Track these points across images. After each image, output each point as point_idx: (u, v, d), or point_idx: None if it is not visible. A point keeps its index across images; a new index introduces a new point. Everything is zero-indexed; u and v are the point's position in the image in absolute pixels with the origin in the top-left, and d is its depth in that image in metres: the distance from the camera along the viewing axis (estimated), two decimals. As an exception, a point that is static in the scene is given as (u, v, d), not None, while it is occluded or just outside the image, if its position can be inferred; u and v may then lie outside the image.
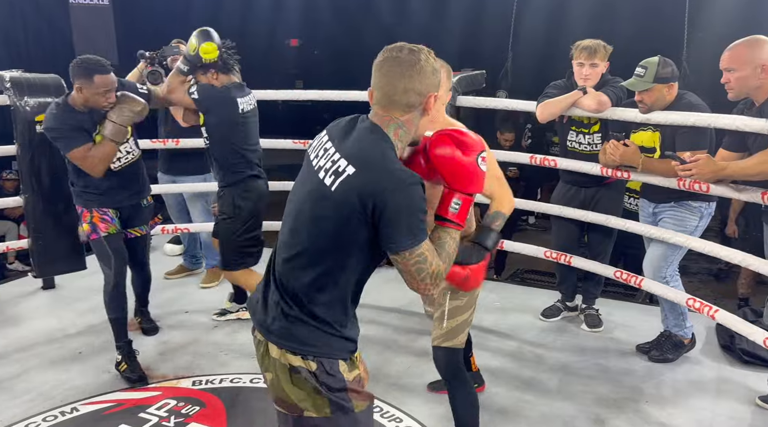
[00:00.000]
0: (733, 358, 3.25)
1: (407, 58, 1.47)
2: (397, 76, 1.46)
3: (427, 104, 1.50)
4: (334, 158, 1.47)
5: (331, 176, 1.44)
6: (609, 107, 3.15)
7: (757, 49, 2.51)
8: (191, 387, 2.94)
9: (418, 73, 1.46)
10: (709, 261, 5.43)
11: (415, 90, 1.46)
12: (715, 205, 3.10)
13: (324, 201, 1.45)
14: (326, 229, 1.45)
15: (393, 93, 1.47)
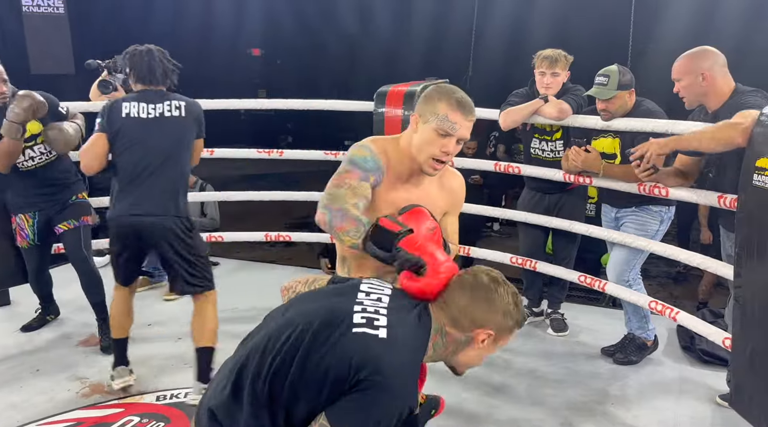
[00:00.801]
0: (694, 358, 3.33)
1: (484, 281, 1.46)
2: (467, 295, 1.44)
3: (477, 338, 1.44)
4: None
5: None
6: (570, 115, 3.21)
7: (699, 59, 2.64)
8: (155, 402, 2.86)
9: (484, 300, 1.44)
10: (668, 264, 5.56)
11: (471, 315, 1.43)
12: (674, 210, 3.19)
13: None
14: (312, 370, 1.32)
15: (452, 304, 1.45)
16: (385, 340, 1.31)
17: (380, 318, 1.35)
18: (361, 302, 1.40)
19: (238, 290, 4.29)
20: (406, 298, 1.48)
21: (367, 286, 1.47)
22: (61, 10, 6.92)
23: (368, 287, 1.46)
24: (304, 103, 4.03)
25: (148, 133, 2.69)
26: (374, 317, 1.35)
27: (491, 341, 1.45)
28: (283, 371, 1.32)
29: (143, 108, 2.72)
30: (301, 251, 5.99)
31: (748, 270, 2.40)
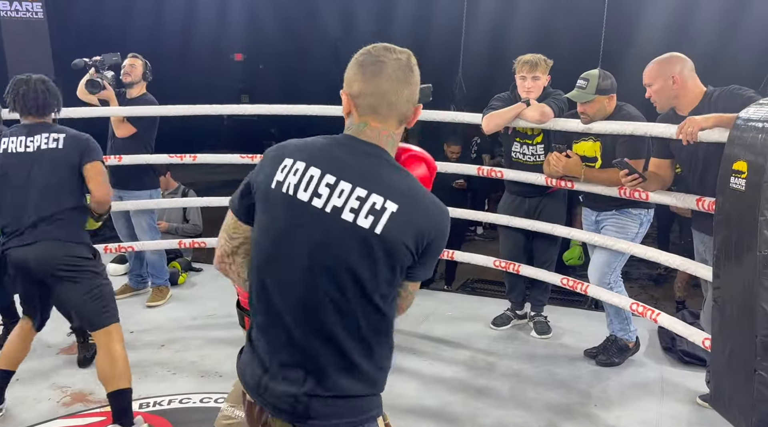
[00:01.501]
0: (675, 359, 3.37)
1: (408, 62, 1.31)
2: (402, 81, 1.28)
3: (414, 117, 1.35)
4: (359, 195, 1.24)
5: (368, 216, 1.23)
6: (551, 118, 3.25)
7: (669, 64, 2.71)
8: (138, 410, 2.83)
9: (415, 81, 1.31)
10: (648, 266, 5.64)
11: (412, 100, 1.31)
12: (653, 212, 3.24)
13: (365, 245, 1.23)
14: (364, 276, 1.25)
15: (396, 101, 1.28)
16: (402, 208, 1.24)
17: (370, 198, 1.25)
18: (331, 205, 1.26)
19: (221, 296, 4.27)
20: (337, 154, 1.31)
21: (298, 186, 1.29)
22: (40, 15, 6.85)
23: (300, 186, 1.29)
24: (287, 108, 4.03)
25: (26, 168, 2.55)
26: (364, 203, 1.24)
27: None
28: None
29: (21, 142, 2.59)
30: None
31: (726, 272, 2.43)
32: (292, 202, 1.28)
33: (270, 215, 1.31)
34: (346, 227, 1.24)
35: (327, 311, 1.26)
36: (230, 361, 3.52)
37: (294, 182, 1.28)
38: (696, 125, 2.49)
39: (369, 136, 1.30)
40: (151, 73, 4.14)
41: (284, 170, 1.30)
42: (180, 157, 4.07)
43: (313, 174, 1.27)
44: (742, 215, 2.33)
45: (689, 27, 5.59)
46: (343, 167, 1.27)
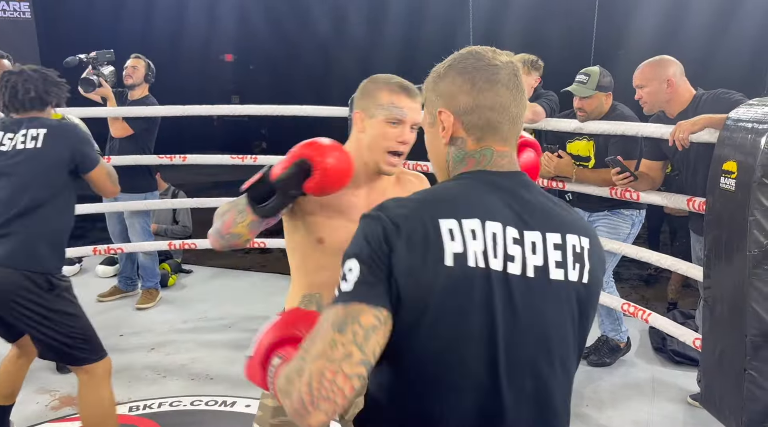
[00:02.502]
0: (665, 359, 3.38)
1: (518, 68, 1.06)
2: (521, 90, 1.03)
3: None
4: (554, 242, 0.98)
5: (575, 265, 0.98)
6: (543, 117, 3.25)
7: (662, 67, 2.72)
8: (128, 413, 2.80)
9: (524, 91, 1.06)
10: (639, 267, 5.65)
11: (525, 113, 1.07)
12: (645, 213, 3.25)
13: (583, 303, 1.00)
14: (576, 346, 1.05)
15: (518, 114, 1.03)
16: (592, 240, 1.03)
17: (568, 243, 1.00)
18: (535, 266, 0.97)
19: (211, 298, 4.25)
20: (508, 199, 1.00)
21: (490, 255, 0.95)
22: (27, 14, 6.79)
23: (494, 256, 0.95)
24: (278, 108, 4.00)
25: (9, 168, 2.22)
26: (565, 251, 0.99)
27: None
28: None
29: (2, 138, 2.27)
30: (276, 257, 5.94)
31: (717, 272, 2.45)
32: (489, 277, 0.93)
33: (460, 306, 0.92)
34: (562, 287, 0.97)
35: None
36: (221, 363, 3.52)
37: (479, 249, 0.93)
38: (686, 131, 2.51)
39: (504, 164, 1.02)
40: (153, 75, 4.08)
41: (455, 235, 0.92)
42: (170, 158, 4.04)
43: (495, 231, 0.95)
44: (732, 215, 2.34)
45: (679, 30, 5.63)
46: (519, 213, 0.98)
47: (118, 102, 3.96)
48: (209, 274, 4.83)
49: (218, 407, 2.86)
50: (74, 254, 4.47)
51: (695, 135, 2.51)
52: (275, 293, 4.36)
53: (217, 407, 2.86)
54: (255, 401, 2.89)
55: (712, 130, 2.47)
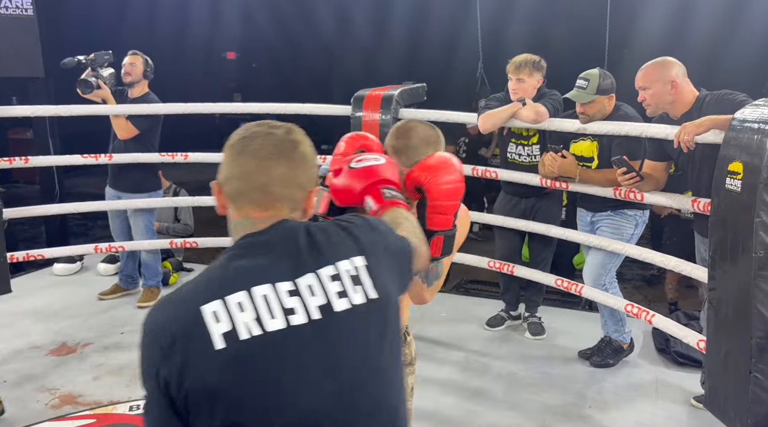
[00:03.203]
0: (669, 360, 3.36)
1: (285, 136, 1.06)
2: (272, 158, 1.03)
3: (308, 204, 1.10)
4: (329, 274, 1.02)
5: (356, 288, 1.02)
6: (547, 118, 3.23)
7: (666, 68, 2.70)
8: (128, 412, 2.79)
9: (300, 158, 1.07)
10: (642, 267, 5.64)
11: (296, 182, 1.06)
12: (648, 213, 3.23)
13: (381, 315, 1.05)
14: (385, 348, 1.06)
15: (268, 182, 1.03)
16: (367, 255, 1.07)
17: (341, 269, 1.03)
18: (317, 306, 1.00)
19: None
20: (279, 253, 1.04)
21: (272, 312, 0.98)
22: (29, 11, 6.78)
23: (273, 311, 0.98)
24: (280, 106, 3.99)
25: None
26: (338, 280, 1.02)
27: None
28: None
29: None
30: (277, 257, 5.94)
31: (721, 273, 2.43)
32: (266, 342, 0.95)
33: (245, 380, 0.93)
34: (343, 315, 1.00)
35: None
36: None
37: (251, 318, 0.95)
38: (691, 133, 2.49)
39: (266, 223, 1.04)
40: (152, 71, 4.04)
41: (220, 316, 0.94)
42: (171, 156, 4.02)
43: (266, 293, 0.97)
44: (737, 217, 2.32)
45: (686, 30, 5.61)
46: (296, 263, 1.01)
47: (118, 101, 3.92)
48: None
49: (219, 406, 2.84)
50: (76, 252, 4.47)
51: (700, 136, 2.49)
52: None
53: (218, 406, 2.84)
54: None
55: (717, 130, 2.45)
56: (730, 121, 2.38)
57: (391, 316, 1.07)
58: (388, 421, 1.04)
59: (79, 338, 3.55)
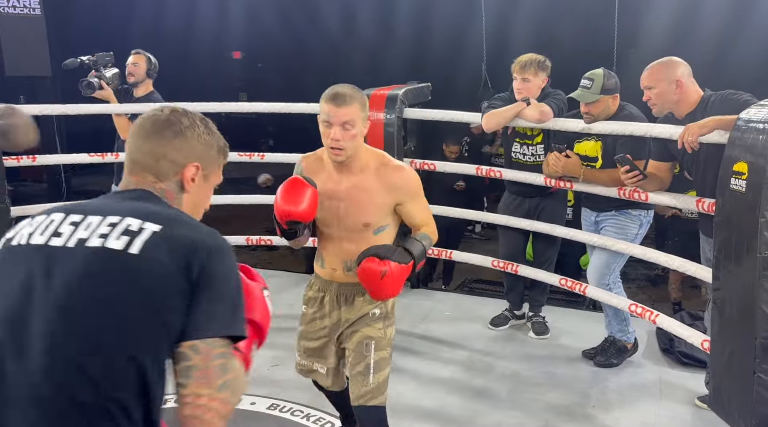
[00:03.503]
0: (673, 360, 3.36)
1: (167, 117, 1.25)
2: (149, 136, 1.24)
3: (183, 178, 1.24)
4: (110, 221, 1.09)
5: (121, 237, 1.06)
6: (551, 118, 3.24)
7: (671, 68, 2.69)
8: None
9: (174, 136, 1.23)
10: (646, 267, 5.63)
11: (168, 156, 1.22)
12: (653, 213, 3.23)
13: (117, 272, 1.05)
14: (124, 314, 1.03)
15: (140, 155, 1.23)
16: (165, 228, 1.11)
17: (124, 222, 1.10)
18: (75, 237, 1.09)
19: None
20: (95, 203, 1.21)
21: (34, 234, 1.12)
22: (37, 11, 6.82)
23: (36, 234, 1.12)
24: (285, 106, 4.01)
25: None
26: (116, 228, 1.09)
27: (202, 178, 1.27)
28: None
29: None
30: (282, 255, 5.96)
31: (726, 273, 2.43)
32: (20, 250, 1.09)
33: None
34: (96, 251, 1.06)
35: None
36: (227, 360, 3.48)
37: (28, 231, 1.11)
38: (694, 133, 2.49)
39: (133, 186, 1.23)
40: (156, 70, 4.03)
41: (24, 226, 1.14)
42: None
43: (54, 218, 1.12)
44: (742, 217, 2.32)
45: (691, 30, 5.59)
46: (96, 208, 1.15)
47: (123, 100, 3.93)
48: None
49: (224, 404, 2.86)
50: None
51: (705, 136, 2.49)
52: (281, 290, 4.36)
53: (223, 404, 2.86)
54: (260, 399, 2.90)
55: (722, 131, 2.44)
56: (735, 121, 2.38)
57: (150, 278, 1.05)
58: (72, 361, 1.00)
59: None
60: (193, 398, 1.03)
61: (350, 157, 2.01)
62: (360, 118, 1.99)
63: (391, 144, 3.74)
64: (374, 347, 2.07)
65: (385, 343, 2.09)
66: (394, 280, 1.93)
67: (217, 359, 1.04)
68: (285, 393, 2.96)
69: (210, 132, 1.29)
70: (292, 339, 3.56)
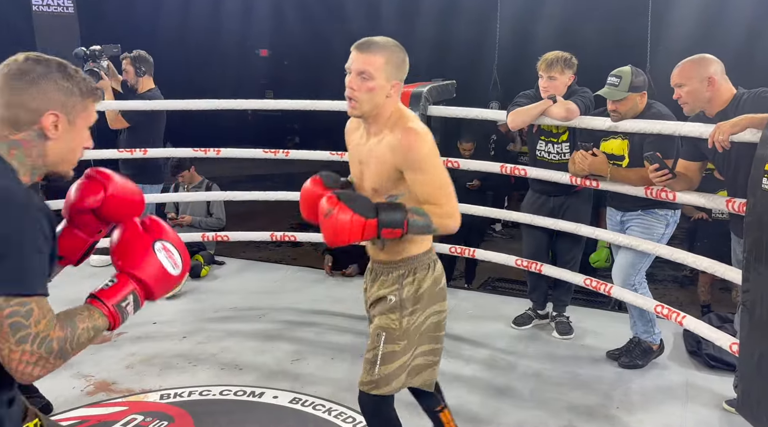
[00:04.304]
0: (700, 363, 3.30)
1: (19, 67, 1.25)
2: (7, 90, 1.24)
3: (44, 126, 1.26)
4: None
5: None
6: (577, 115, 3.20)
7: (703, 65, 2.64)
8: (159, 401, 2.86)
9: (28, 86, 1.24)
10: (674, 268, 5.54)
11: (24, 106, 1.24)
12: (680, 213, 3.18)
13: None
14: None
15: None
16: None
17: None
18: None
19: (242, 289, 4.30)
20: None
21: None
22: (70, 9, 6.96)
23: None
24: (310, 103, 4.03)
25: None
26: None
27: (66, 123, 1.28)
28: None
29: None
30: (306, 251, 6.00)
31: (757, 274, 2.38)
32: None
33: None
34: None
35: None
36: (250, 354, 3.57)
37: None
38: (726, 132, 2.43)
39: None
40: (144, 67, 4.20)
41: None
42: (204, 151, 4.10)
43: None
44: (773, 217, 2.27)
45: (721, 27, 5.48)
46: None
47: (128, 95, 4.16)
48: (241, 266, 4.89)
49: (246, 397, 2.89)
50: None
51: (736, 135, 2.44)
52: (305, 286, 4.40)
53: (246, 397, 2.89)
54: (282, 392, 2.93)
55: (754, 129, 2.39)
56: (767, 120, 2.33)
57: None
58: None
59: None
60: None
61: (367, 113, 1.87)
62: (382, 71, 1.83)
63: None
64: (384, 338, 1.94)
65: (398, 335, 1.94)
66: (336, 227, 1.77)
67: (8, 318, 1.11)
68: (307, 387, 2.98)
69: (68, 76, 1.27)
70: (314, 334, 3.61)
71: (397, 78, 1.87)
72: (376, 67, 1.82)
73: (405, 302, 1.96)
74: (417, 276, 1.97)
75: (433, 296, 2.00)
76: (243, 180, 7.77)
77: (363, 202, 1.82)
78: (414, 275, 1.96)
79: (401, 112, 1.92)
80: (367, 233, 1.79)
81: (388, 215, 1.79)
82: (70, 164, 1.34)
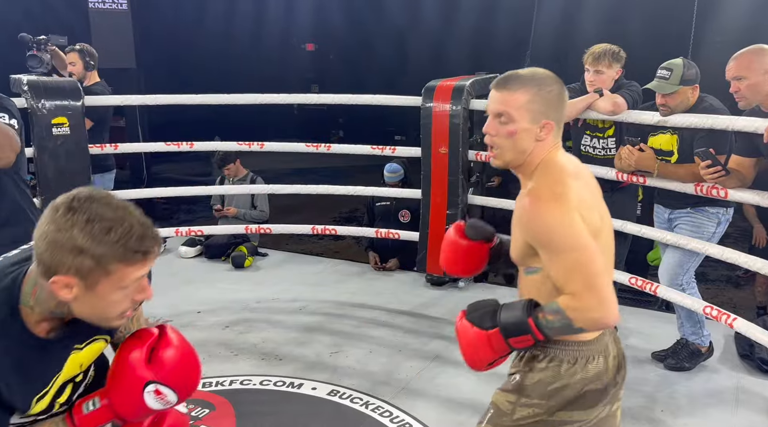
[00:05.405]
0: (752, 367, 3.18)
1: (55, 207, 1.13)
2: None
3: (53, 288, 1.12)
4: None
5: None
6: (625, 109, 3.11)
7: (764, 56, 2.53)
8: (200, 389, 2.93)
9: (43, 237, 1.12)
10: (728, 268, 5.33)
11: (41, 259, 1.13)
12: (732, 211, 3.05)
13: None
14: None
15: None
16: None
17: None
18: None
19: (285, 281, 4.36)
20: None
21: None
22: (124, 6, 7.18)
23: None
24: (353, 97, 4.04)
25: None
26: None
27: (83, 288, 1.10)
28: None
29: None
30: (348, 245, 6.04)
31: (812, 276, 2.27)
32: None
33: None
34: None
35: None
36: (290, 345, 3.62)
37: None
38: None
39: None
40: (93, 61, 4.12)
41: None
42: (248, 145, 4.17)
43: None
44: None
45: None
46: None
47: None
48: (284, 257, 4.96)
49: (286, 388, 2.94)
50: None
51: None
52: (345, 279, 4.43)
53: (285, 388, 2.94)
54: (321, 384, 2.96)
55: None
56: None
57: None
58: None
59: (159, 315, 3.75)
60: None
61: (514, 163, 1.54)
62: (525, 112, 1.49)
63: (456, 136, 3.71)
64: (490, 417, 1.63)
65: (505, 421, 1.59)
66: (465, 348, 1.55)
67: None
68: (345, 380, 3.01)
69: (90, 236, 1.06)
70: (353, 326, 3.63)
71: (548, 117, 1.51)
72: (517, 106, 1.49)
73: (527, 389, 1.57)
74: (554, 365, 1.54)
75: (574, 399, 1.53)
76: (288, 173, 7.88)
77: (485, 306, 1.56)
78: (550, 363, 1.54)
79: (548, 162, 1.53)
80: (496, 347, 1.50)
81: (508, 319, 1.49)
82: (106, 322, 1.20)
